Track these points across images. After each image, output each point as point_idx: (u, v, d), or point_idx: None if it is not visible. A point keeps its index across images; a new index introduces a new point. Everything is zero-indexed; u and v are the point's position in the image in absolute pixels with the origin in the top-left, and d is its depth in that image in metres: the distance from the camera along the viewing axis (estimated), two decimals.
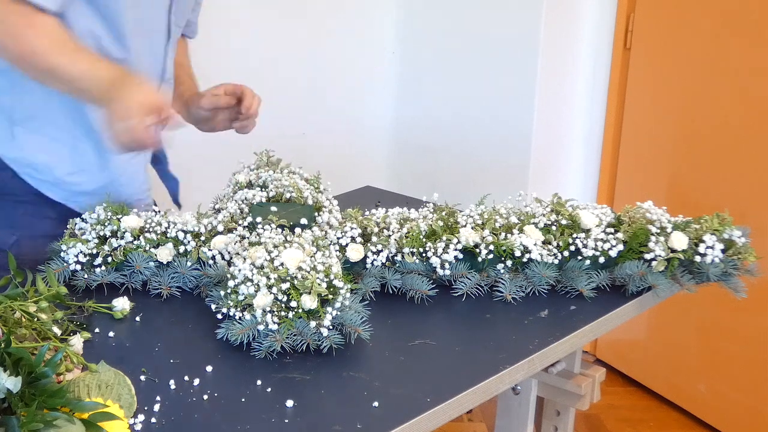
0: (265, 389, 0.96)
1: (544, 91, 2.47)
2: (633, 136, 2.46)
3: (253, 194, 1.39)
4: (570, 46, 2.49)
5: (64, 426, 0.75)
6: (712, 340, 2.30)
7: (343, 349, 1.03)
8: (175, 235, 1.26)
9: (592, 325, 1.16)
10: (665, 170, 2.37)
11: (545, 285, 1.23)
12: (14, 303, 0.90)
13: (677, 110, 2.31)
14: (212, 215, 1.35)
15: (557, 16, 2.42)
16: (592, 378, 1.42)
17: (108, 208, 1.30)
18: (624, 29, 2.42)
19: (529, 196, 1.40)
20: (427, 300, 1.21)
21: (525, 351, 1.06)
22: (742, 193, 2.13)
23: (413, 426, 0.90)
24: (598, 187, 2.60)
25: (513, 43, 2.49)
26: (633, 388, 2.56)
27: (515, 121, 2.51)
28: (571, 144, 2.60)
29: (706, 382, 2.33)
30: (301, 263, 1.08)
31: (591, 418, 2.39)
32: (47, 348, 0.80)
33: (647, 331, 2.51)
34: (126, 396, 0.85)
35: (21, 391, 0.76)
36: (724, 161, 2.18)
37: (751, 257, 1.28)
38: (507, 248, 1.24)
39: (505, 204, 1.37)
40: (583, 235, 1.28)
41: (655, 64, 2.35)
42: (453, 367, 1.03)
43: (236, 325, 1.04)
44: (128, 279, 1.22)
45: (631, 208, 1.37)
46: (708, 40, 2.19)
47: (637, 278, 1.25)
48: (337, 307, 1.04)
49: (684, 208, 1.48)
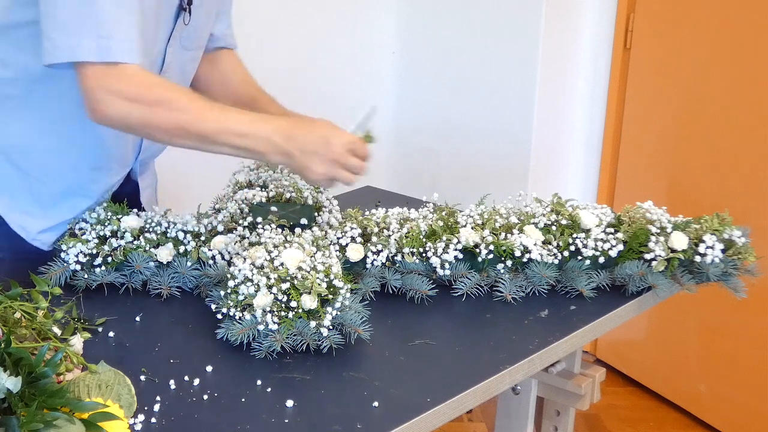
0: (265, 389, 0.96)
1: (544, 91, 2.47)
2: (633, 136, 2.46)
3: (253, 194, 1.39)
4: (570, 46, 2.49)
5: (64, 426, 0.75)
6: (712, 340, 2.30)
7: (343, 349, 1.03)
8: (175, 235, 1.26)
9: (592, 325, 1.16)
10: (665, 170, 2.37)
11: (545, 285, 1.23)
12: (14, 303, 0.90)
13: (677, 110, 2.31)
14: (212, 215, 1.35)
15: (557, 16, 2.42)
16: (592, 378, 1.42)
17: (108, 208, 1.30)
18: (624, 29, 2.42)
19: (529, 196, 1.40)
20: (427, 300, 1.21)
21: (525, 351, 1.06)
22: (742, 193, 2.13)
23: (413, 426, 0.90)
24: (598, 187, 2.60)
25: (513, 44, 2.49)
26: (633, 388, 2.56)
27: (515, 121, 2.51)
28: (571, 144, 2.59)
29: (706, 382, 2.33)
30: (301, 263, 1.08)
31: (591, 418, 2.39)
32: (47, 348, 0.80)
33: (647, 331, 2.51)
34: (126, 396, 0.85)
35: (21, 391, 0.76)
36: (724, 161, 2.18)
37: (751, 257, 1.28)
38: (507, 248, 1.24)
39: (505, 204, 1.37)
40: (583, 235, 1.28)
41: (655, 64, 2.35)
42: (453, 367, 1.03)
43: (236, 325, 1.04)
44: (128, 279, 1.22)
45: (631, 208, 1.37)
46: (708, 40, 2.19)
47: (637, 278, 1.25)
48: (337, 307, 1.04)
49: (684, 208, 1.48)
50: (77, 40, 1.10)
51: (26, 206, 1.30)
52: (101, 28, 1.10)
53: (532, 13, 2.40)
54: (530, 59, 2.43)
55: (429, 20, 2.75)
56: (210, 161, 1.22)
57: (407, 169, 2.89)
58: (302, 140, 1.16)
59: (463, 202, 1.40)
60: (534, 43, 2.41)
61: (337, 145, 1.16)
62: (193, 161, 1.49)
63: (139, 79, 1.14)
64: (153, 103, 1.14)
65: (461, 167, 2.68)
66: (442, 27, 2.70)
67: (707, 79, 2.21)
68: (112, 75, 1.12)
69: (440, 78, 2.74)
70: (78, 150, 1.29)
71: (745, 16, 2.09)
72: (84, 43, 1.10)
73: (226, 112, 1.18)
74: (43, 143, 1.28)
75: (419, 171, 2.85)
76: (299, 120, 1.27)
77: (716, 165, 2.21)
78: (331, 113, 1.54)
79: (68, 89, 1.20)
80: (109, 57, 1.11)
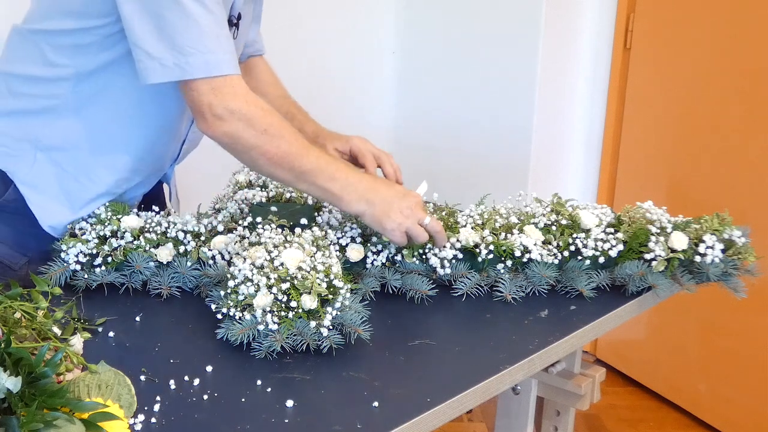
0: (265, 389, 0.96)
1: (544, 91, 2.47)
2: (633, 136, 2.46)
3: (253, 194, 1.39)
4: (570, 46, 2.49)
5: (64, 426, 0.75)
6: (712, 340, 2.30)
7: (343, 349, 1.03)
8: (175, 235, 1.26)
9: (592, 325, 1.16)
10: (665, 170, 2.37)
11: (545, 285, 1.23)
12: (14, 303, 0.90)
13: (677, 110, 2.31)
14: (212, 215, 1.35)
15: (557, 16, 2.42)
16: (592, 378, 1.42)
17: (108, 207, 1.30)
18: (624, 29, 2.42)
19: (529, 196, 1.40)
20: (427, 300, 1.21)
21: (525, 351, 1.06)
22: (742, 193, 2.13)
23: (413, 426, 0.90)
24: (598, 187, 2.60)
25: (513, 43, 2.49)
26: (633, 388, 2.56)
27: (515, 121, 2.51)
28: (571, 144, 2.60)
29: (706, 382, 2.33)
30: (301, 263, 1.08)
31: (591, 418, 2.39)
32: (47, 348, 0.80)
33: (647, 331, 2.51)
34: (126, 396, 0.85)
35: (21, 391, 0.76)
36: (724, 161, 2.18)
37: (751, 257, 1.28)
38: (507, 248, 1.24)
39: (505, 204, 1.37)
40: (583, 235, 1.28)
41: (655, 64, 2.35)
42: (453, 367, 1.03)
43: (236, 325, 1.04)
44: (128, 279, 1.22)
45: (631, 208, 1.37)
46: (708, 40, 2.19)
47: (637, 278, 1.25)
48: (337, 307, 1.04)
49: (684, 208, 1.48)
50: (187, 58, 1.14)
51: (59, 207, 1.30)
52: (207, 45, 1.14)
53: (532, 13, 2.40)
54: (530, 59, 2.43)
55: (429, 20, 2.75)
56: (210, 161, 1.22)
57: (407, 169, 2.87)
58: (383, 192, 1.22)
59: (463, 202, 1.40)
60: (534, 43, 2.41)
61: (413, 199, 1.23)
62: (192, 161, 1.49)
63: (247, 95, 1.19)
64: (264, 130, 1.18)
65: (461, 167, 2.68)
66: (442, 27, 2.70)
67: (707, 79, 2.21)
68: (224, 90, 1.16)
69: (440, 78, 2.74)
70: (119, 153, 1.30)
71: (745, 16, 2.09)
72: (193, 60, 1.14)
73: (320, 152, 1.24)
74: (86, 144, 1.28)
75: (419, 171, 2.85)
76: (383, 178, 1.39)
77: (716, 165, 2.21)
78: (331, 113, 1.55)
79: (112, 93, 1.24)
80: (217, 71, 1.15)
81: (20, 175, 1.28)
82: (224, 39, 1.17)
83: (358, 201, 1.21)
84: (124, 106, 1.25)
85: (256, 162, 1.21)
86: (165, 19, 1.12)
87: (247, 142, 1.18)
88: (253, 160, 1.22)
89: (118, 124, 1.27)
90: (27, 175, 1.28)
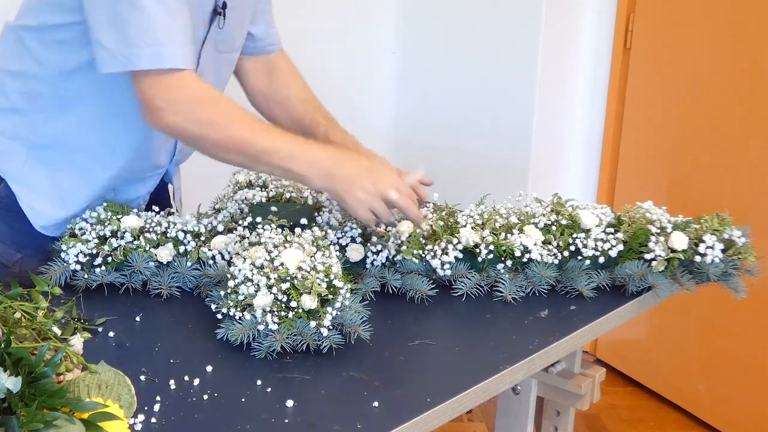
0: (265, 389, 0.96)
1: (544, 91, 2.47)
2: (633, 136, 2.46)
3: (253, 194, 1.39)
4: (570, 46, 2.49)
5: (64, 426, 0.75)
6: (712, 340, 2.30)
7: (343, 349, 1.03)
8: (175, 235, 1.26)
9: (592, 325, 1.16)
10: (665, 170, 2.37)
11: (545, 285, 1.23)
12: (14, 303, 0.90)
13: (677, 110, 2.31)
14: (212, 215, 1.35)
15: (557, 16, 2.42)
16: (592, 378, 1.42)
17: (108, 207, 1.30)
18: (624, 29, 2.42)
19: (529, 196, 1.40)
20: (427, 300, 1.21)
21: (525, 351, 1.06)
22: (742, 193, 2.13)
23: (413, 426, 0.90)
24: (598, 187, 2.60)
25: (513, 43, 2.49)
26: (633, 388, 2.56)
27: (515, 121, 2.51)
28: (571, 144, 2.59)
29: (706, 382, 2.33)
30: (301, 263, 1.08)
31: (591, 418, 2.39)
32: (47, 348, 0.80)
33: (647, 331, 2.51)
34: (126, 396, 0.85)
35: (21, 391, 0.76)
36: (724, 161, 2.18)
37: (751, 257, 1.28)
38: (507, 248, 1.24)
39: (505, 204, 1.37)
40: (583, 235, 1.28)
41: (655, 64, 2.35)
42: (453, 367, 1.03)
43: (236, 325, 1.04)
44: (128, 279, 1.22)
45: (631, 208, 1.37)
46: (708, 40, 2.19)
47: (637, 278, 1.25)
48: (337, 307, 1.04)
49: (684, 208, 1.48)
50: (133, 49, 1.13)
51: (51, 205, 1.30)
52: (155, 37, 1.13)
53: (532, 13, 2.40)
54: (530, 59, 2.43)
55: (429, 20, 2.75)
56: (210, 161, 1.22)
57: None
58: (347, 168, 1.19)
59: (463, 202, 1.40)
60: (534, 43, 2.41)
61: (378, 175, 1.19)
62: (192, 161, 1.49)
63: (195, 88, 1.18)
64: (211, 120, 1.17)
65: (461, 167, 2.68)
66: (442, 27, 2.70)
67: (707, 79, 2.21)
68: (169, 83, 1.15)
69: (440, 78, 2.74)
70: (110, 151, 1.30)
71: (745, 16, 2.09)
72: (139, 52, 1.13)
73: (278, 133, 1.21)
74: (76, 142, 1.28)
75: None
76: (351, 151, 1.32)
77: (716, 165, 2.21)
78: (332, 113, 1.55)
79: (100, 89, 1.23)
80: (163, 64, 1.14)
81: (12, 173, 1.28)
82: (177, 31, 1.15)
83: (322, 178, 1.18)
84: (110, 103, 1.25)
85: (208, 151, 1.21)
86: (117, 11, 1.12)
87: (192, 133, 1.18)
88: (205, 150, 1.21)
89: (107, 122, 1.27)
90: (19, 173, 1.28)
